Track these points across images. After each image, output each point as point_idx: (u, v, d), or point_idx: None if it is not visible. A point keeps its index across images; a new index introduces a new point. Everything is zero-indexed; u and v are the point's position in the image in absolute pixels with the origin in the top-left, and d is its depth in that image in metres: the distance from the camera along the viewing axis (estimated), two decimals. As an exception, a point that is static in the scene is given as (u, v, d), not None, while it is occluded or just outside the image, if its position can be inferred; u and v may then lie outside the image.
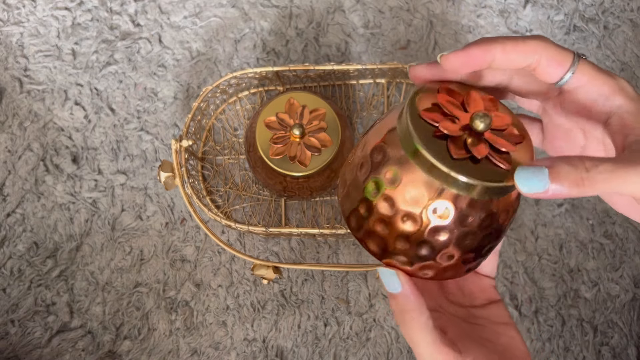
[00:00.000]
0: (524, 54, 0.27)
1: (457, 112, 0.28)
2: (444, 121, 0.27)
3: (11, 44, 0.65)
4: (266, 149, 0.52)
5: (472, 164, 0.26)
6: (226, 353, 0.60)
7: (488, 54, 0.27)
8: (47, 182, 0.62)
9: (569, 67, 0.27)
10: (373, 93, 0.63)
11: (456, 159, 0.26)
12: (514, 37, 0.27)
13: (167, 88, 0.64)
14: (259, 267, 0.54)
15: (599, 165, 0.22)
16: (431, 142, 0.26)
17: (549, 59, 0.27)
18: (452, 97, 0.28)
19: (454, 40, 0.65)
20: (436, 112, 0.27)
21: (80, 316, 0.60)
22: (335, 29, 0.65)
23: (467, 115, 0.28)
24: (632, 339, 0.60)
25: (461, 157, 0.26)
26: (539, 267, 0.61)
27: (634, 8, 0.66)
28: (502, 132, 0.28)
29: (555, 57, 0.27)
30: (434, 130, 0.27)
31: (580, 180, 0.23)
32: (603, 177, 0.22)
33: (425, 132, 0.26)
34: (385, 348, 0.60)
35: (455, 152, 0.26)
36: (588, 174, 0.22)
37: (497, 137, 0.27)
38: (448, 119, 0.27)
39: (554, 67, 0.27)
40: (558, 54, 0.27)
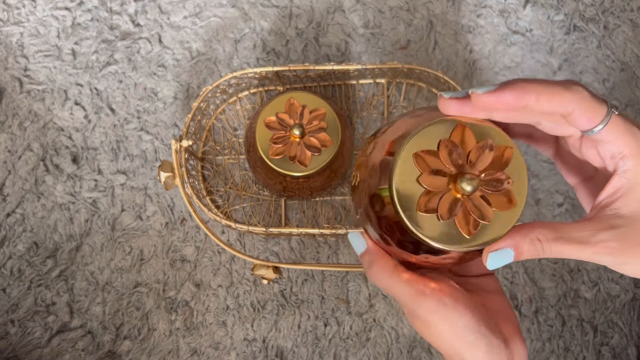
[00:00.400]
0: (558, 105, 0.27)
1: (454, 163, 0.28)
2: (427, 174, 0.27)
3: (11, 44, 0.65)
4: (266, 149, 0.52)
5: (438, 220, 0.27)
6: (226, 353, 0.60)
7: (521, 101, 0.27)
8: (47, 182, 0.62)
9: (601, 120, 0.27)
10: (373, 93, 0.63)
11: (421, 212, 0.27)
12: (550, 83, 0.27)
13: (167, 88, 0.64)
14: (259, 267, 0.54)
15: (551, 245, 0.27)
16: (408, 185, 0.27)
17: (583, 111, 0.27)
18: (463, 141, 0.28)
19: (454, 41, 0.65)
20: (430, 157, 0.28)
21: (80, 316, 0.60)
22: (335, 29, 0.65)
23: (462, 169, 0.28)
24: (632, 339, 0.60)
25: (426, 213, 0.27)
26: (539, 267, 0.61)
27: (634, 8, 0.66)
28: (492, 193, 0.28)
29: (589, 110, 0.27)
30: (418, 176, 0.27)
31: (537, 255, 0.28)
32: (555, 252, 0.28)
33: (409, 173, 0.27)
34: (385, 348, 0.60)
35: (421, 207, 0.27)
36: (543, 251, 0.28)
37: (477, 202, 0.28)
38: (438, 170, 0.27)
39: (586, 120, 0.27)
40: (592, 107, 0.27)
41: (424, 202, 0.27)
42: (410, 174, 0.27)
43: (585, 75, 0.64)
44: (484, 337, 0.30)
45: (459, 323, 0.30)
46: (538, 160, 0.63)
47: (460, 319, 0.30)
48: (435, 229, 0.27)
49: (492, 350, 0.30)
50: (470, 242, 0.27)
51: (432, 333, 0.31)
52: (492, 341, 0.30)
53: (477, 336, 0.30)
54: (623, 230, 0.27)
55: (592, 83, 0.64)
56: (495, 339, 0.30)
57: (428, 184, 0.27)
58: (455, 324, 0.30)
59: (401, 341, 0.60)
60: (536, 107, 0.27)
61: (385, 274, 0.32)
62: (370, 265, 0.32)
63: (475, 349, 0.30)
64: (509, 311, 0.33)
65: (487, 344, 0.30)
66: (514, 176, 0.28)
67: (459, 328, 0.30)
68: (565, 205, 0.62)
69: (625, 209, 0.27)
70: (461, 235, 0.27)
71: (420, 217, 0.27)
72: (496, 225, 0.27)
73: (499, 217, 0.27)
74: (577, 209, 0.62)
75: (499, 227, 0.27)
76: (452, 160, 0.28)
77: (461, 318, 0.30)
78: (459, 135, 0.28)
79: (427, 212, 0.27)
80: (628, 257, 0.27)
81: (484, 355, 0.30)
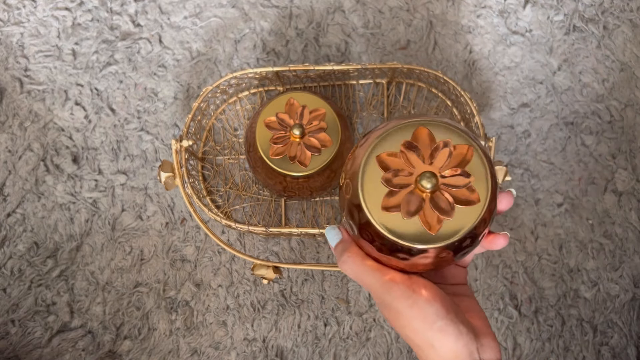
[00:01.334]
0: None
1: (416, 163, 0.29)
2: (389, 174, 0.29)
3: (11, 44, 0.65)
4: (266, 149, 0.52)
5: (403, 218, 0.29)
6: (226, 353, 0.60)
7: None
8: (47, 182, 0.62)
9: None
10: (373, 93, 0.64)
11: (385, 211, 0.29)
12: None
13: (167, 88, 0.64)
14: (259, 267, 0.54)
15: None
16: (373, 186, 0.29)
17: None
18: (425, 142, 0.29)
19: (453, 41, 0.65)
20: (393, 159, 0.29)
21: (80, 316, 0.60)
22: (335, 29, 0.65)
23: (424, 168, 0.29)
24: (631, 339, 0.60)
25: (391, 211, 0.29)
26: (539, 267, 0.61)
27: (633, 8, 0.66)
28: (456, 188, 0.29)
29: None
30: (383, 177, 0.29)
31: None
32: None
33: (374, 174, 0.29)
34: (385, 348, 0.60)
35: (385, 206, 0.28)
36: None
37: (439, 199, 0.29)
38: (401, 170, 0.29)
39: None
40: None
41: (387, 201, 0.28)
42: (377, 177, 0.29)
43: (585, 76, 0.65)
44: (452, 323, 0.30)
45: (429, 310, 0.30)
46: (538, 160, 0.63)
47: (430, 306, 0.30)
48: (405, 228, 0.28)
49: (461, 338, 0.30)
50: (436, 239, 0.28)
51: (402, 323, 0.31)
52: (461, 329, 0.30)
53: (446, 322, 0.30)
54: None
55: (592, 83, 0.64)
56: (464, 327, 0.31)
57: (390, 184, 0.29)
58: (424, 310, 0.30)
59: (401, 341, 0.60)
60: None
61: (356, 261, 0.32)
62: (342, 253, 0.33)
63: (444, 335, 0.30)
64: (479, 310, 0.34)
65: (455, 331, 0.30)
66: (475, 174, 0.29)
67: (429, 315, 0.30)
68: (565, 206, 0.62)
69: None
70: (417, 231, 0.28)
71: (388, 218, 0.28)
72: (461, 221, 0.28)
73: (462, 213, 0.28)
74: (577, 209, 0.62)
75: (463, 223, 0.28)
76: (413, 161, 0.29)
77: (430, 305, 0.30)
78: (420, 137, 0.29)
79: (390, 210, 0.28)
80: None
81: (453, 341, 0.30)
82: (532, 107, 0.64)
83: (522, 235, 0.62)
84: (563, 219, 0.62)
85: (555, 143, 0.63)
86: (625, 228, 0.62)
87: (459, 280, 0.37)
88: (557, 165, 0.63)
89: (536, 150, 0.63)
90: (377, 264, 0.32)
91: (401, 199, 0.29)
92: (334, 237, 0.34)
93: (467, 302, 0.35)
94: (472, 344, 0.31)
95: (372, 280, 0.32)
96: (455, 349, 0.30)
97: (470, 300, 0.35)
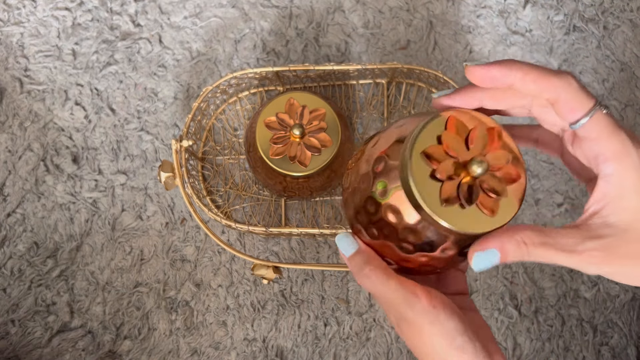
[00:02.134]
0: (541, 89, 0.27)
1: (459, 151, 0.28)
2: (442, 166, 0.28)
3: (11, 44, 0.65)
4: (266, 149, 0.52)
5: (460, 208, 0.27)
6: (226, 353, 0.60)
7: (507, 77, 0.27)
8: (47, 182, 0.62)
9: (585, 113, 0.27)
10: (373, 93, 0.64)
11: (445, 205, 0.27)
12: (540, 67, 0.27)
13: (167, 88, 0.64)
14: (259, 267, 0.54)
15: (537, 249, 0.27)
16: (425, 183, 0.27)
17: (567, 100, 0.27)
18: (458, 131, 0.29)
19: (453, 41, 0.65)
20: (438, 151, 0.28)
21: (80, 316, 0.60)
22: (335, 29, 0.65)
23: (468, 154, 0.28)
24: (631, 339, 0.60)
25: (450, 204, 0.27)
26: (539, 266, 0.61)
27: (633, 8, 0.66)
28: (498, 170, 0.29)
29: (573, 100, 0.27)
30: (431, 171, 0.28)
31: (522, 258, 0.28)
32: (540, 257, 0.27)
33: (422, 171, 0.28)
34: (385, 348, 0.60)
35: (445, 200, 0.27)
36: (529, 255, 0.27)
37: (491, 181, 0.28)
38: (447, 161, 0.28)
39: (569, 109, 0.27)
40: (578, 97, 0.27)
41: (446, 195, 0.27)
42: (420, 172, 0.28)
43: (585, 76, 0.65)
44: (470, 341, 0.30)
45: (449, 325, 0.30)
46: (538, 160, 0.63)
47: (450, 321, 0.30)
48: (455, 219, 0.27)
49: (477, 356, 0.29)
50: (495, 222, 0.28)
51: (421, 338, 0.30)
52: (477, 346, 0.30)
53: (465, 339, 0.29)
54: (609, 240, 0.27)
55: (592, 83, 0.64)
56: (479, 344, 0.30)
57: (446, 176, 0.27)
58: (445, 326, 0.30)
59: (401, 341, 0.60)
60: (521, 87, 0.27)
61: (379, 277, 0.30)
62: (362, 267, 0.31)
63: (462, 353, 0.29)
64: (487, 328, 0.33)
65: (473, 349, 0.30)
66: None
67: (449, 330, 0.29)
68: (565, 205, 0.62)
69: (613, 217, 0.27)
70: (478, 218, 0.27)
71: (447, 212, 0.27)
72: (507, 201, 0.28)
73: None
74: (577, 209, 0.62)
75: (510, 202, 0.28)
76: (456, 150, 0.28)
77: (451, 320, 0.30)
78: (453, 127, 0.29)
79: (450, 202, 0.27)
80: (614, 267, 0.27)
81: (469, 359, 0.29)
82: (532, 107, 0.64)
83: (522, 235, 0.62)
84: (563, 219, 0.62)
85: (555, 143, 0.63)
86: (625, 228, 0.62)
87: (460, 287, 0.36)
88: (557, 165, 0.63)
89: (536, 150, 0.63)
90: (399, 279, 0.30)
91: (455, 189, 0.27)
92: (348, 247, 0.32)
93: (475, 317, 0.33)
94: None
95: (395, 296, 0.30)
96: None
97: (476, 316, 0.34)
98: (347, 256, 0.32)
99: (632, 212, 0.27)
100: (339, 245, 0.32)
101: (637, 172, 0.27)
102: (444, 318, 0.30)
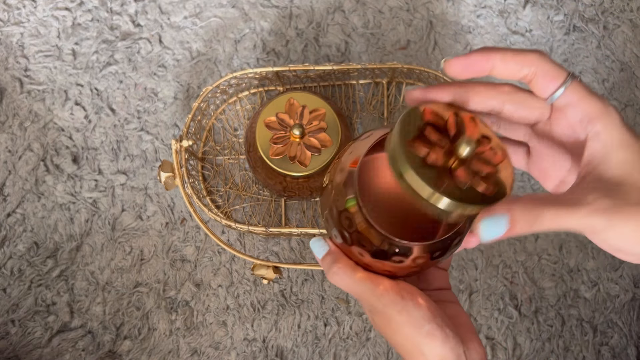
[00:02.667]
0: (521, 64, 0.29)
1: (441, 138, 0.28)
2: (432, 154, 0.27)
3: (11, 44, 0.65)
4: (266, 149, 0.52)
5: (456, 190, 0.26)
6: (226, 353, 0.60)
7: (488, 61, 0.29)
8: (47, 182, 0.62)
9: (562, 82, 0.29)
10: (373, 93, 0.64)
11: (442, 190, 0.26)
12: (514, 48, 0.29)
13: (167, 88, 0.64)
14: (259, 267, 0.54)
15: (544, 210, 0.26)
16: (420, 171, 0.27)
17: (545, 72, 0.29)
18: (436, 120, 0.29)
19: (453, 41, 0.65)
20: (422, 140, 0.28)
21: (80, 316, 0.60)
22: (335, 29, 0.66)
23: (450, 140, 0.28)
24: (631, 339, 0.60)
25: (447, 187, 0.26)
26: (539, 267, 0.61)
27: (633, 8, 0.66)
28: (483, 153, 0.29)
29: (550, 72, 0.29)
30: (422, 160, 0.27)
31: (530, 227, 0.27)
32: (549, 219, 0.26)
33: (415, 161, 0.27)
34: (385, 348, 0.60)
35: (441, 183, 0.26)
36: (537, 217, 0.26)
37: (479, 162, 0.28)
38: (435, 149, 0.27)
39: (548, 81, 0.29)
40: (553, 69, 0.29)
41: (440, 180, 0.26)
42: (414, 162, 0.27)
43: (585, 76, 0.65)
44: (439, 327, 0.31)
45: (416, 314, 0.31)
46: (538, 160, 0.63)
47: (417, 309, 0.31)
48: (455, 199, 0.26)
49: (448, 341, 0.30)
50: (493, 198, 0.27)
51: (393, 328, 0.32)
52: (447, 332, 0.31)
53: (433, 326, 0.31)
54: (612, 191, 0.27)
55: (592, 83, 0.64)
56: (450, 331, 0.31)
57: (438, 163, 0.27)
58: (412, 314, 0.31)
59: (401, 341, 0.60)
60: (502, 68, 0.29)
61: (347, 272, 0.32)
62: (331, 265, 0.33)
63: (432, 339, 0.30)
64: (465, 316, 0.34)
65: (442, 335, 0.31)
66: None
67: (416, 319, 0.31)
68: (564, 205, 0.62)
69: (608, 173, 0.27)
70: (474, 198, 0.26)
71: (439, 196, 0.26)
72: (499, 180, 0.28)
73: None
74: (577, 209, 0.62)
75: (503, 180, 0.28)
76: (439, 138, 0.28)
77: (418, 309, 0.31)
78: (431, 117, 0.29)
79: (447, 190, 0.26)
80: (621, 217, 0.26)
81: (440, 345, 0.30)
82: (532, 107, 0.64)
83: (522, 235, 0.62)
84: (563, 219, 0.62)
85: (555, 143, 0.63)
86: (625, 228, 0.62)
87: (442, 284, 0.37)
88: (557, 165, 0.63)
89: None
90: (366, 273, 0.32)
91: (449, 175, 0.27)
92: (320, 249, 0.34)
93: (452, 307, 0.35)
94: (459, 347, 0.31)
95: (362, 289, 0.32)
96: (442, 353, 0.30)
97: (455, 306, 0.35)
98: (320, 257, 0.34)
99: (623, 165, 0.27)
100: (312, 248, 0.35)
101: (621, 128, 0.28)
102: (412, 307, 0.31)
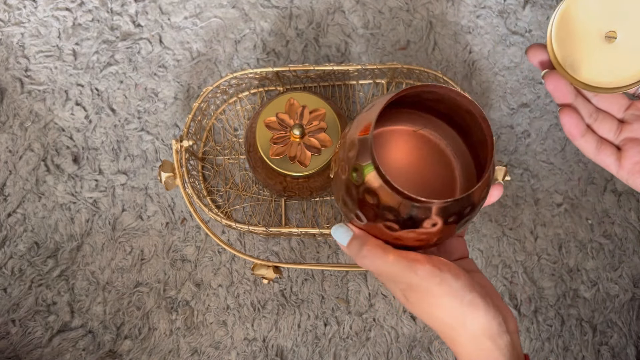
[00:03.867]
0: None
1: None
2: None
3: (12, 45, 0.65)
4: (266, 149, 0.52)
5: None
6: (226, 352, 0.60)
7: None
8: (47, 182, 0.62)
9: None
10: (373, 93, 0.64)
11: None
12: None
13: (168, 88, 0.64)
14: (259, 266, 0.54)
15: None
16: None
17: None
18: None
19: (453, 41, 0.65)
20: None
21: (81, 316, 0.60)
22: (335, 30, 0.66)
23: None
24: (631, 339, 0.61)
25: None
26: (539, 266, 0.61)
27: (633, 8, 0.66)
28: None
29: None
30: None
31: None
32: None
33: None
34: (385, 347, 0.60)
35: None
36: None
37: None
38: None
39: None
40: None
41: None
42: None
43: (585, 76, 0.65)
44: (481, 297, 0.30)
45: (456, 284, 0.30)
46: (537, 160, 0.63)
47: (456, 280, 0.30)
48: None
49: (490, 310, 0.30)
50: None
51: (431, 302, 0.31)
52: (488, 301, 0.30)
53: (474, 295, 0.30)
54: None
55: (591, 83, 0.64)
56: (490, 300, 0.31)
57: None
58: (452, 285, 0.30)
59: (401, 340, 0.60)
60: None
61: (377, 253, 0.31)
62: (360, 248, 0.32)
63: (475, 309, 0.30)
64: (490, 285, 0.34)
65: (484, 304, 0.30)
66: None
67: (456, 289, 0.30)
68: (564, 205, 0.62)
69: None
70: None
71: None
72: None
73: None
74: (577, 209, 0.62)
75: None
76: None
77: (457, 279, 0.30)
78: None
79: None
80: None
81: (483, 314, 0.30)
82: (531, 107, 0.64)
83: (522, 235, 0.62)
84: (562, 218, 0.62)
85: (554, 143, 0.63)
86: (624, 228, 0.62)
87: (462, 253, 0.37)
88: (557, 165, 0.63)
89: (536, 150, 0.63)
90: (398, 251, 0.31)
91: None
92: (343, 235, 0.33)
93: (478, 276, 0.34)
94: (498, 315, 0.31)
95: (396, 268, 0.31)
96: (485, 322, 0.30)
97: (479, 275, 0.35)
98: (345, 244, 0.33)
99: None
100: (335, 236, 0.33)
101: None
102: (450, 278, 0.30)
